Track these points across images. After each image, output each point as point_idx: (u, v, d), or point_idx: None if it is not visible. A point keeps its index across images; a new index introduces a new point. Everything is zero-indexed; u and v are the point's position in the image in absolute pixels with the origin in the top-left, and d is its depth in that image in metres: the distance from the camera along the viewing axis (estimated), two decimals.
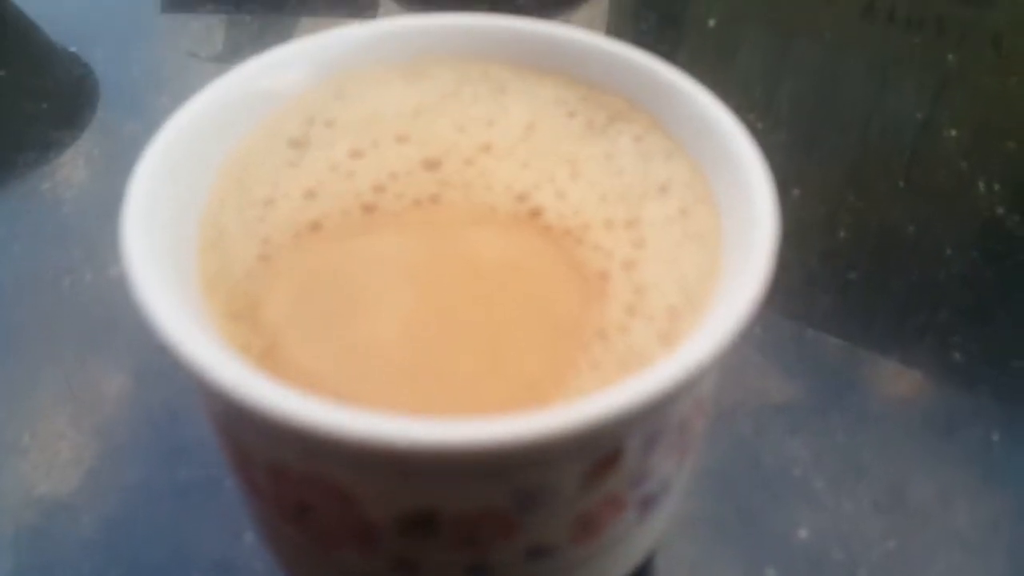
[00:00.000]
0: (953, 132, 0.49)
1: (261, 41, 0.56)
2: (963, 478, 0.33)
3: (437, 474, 0.19)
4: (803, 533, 0.31)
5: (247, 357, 0.21)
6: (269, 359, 0.21)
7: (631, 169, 0.25)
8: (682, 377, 0.18)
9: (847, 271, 0.41)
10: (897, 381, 0.36)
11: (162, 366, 0.36)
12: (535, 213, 0.24)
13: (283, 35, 0.55)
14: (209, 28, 0.57)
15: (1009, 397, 0.36)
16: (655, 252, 0.23)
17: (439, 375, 0.21)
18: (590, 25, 0.57)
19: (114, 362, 0.36)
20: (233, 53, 0.55)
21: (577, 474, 0.19)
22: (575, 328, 0.22)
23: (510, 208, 0.24)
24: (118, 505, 0.32)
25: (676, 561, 0.31)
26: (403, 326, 0.22)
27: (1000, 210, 0.45)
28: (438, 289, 0.22)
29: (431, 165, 0.25)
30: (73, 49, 0.54)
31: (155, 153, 0.23)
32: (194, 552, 0.31)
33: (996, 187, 0.46)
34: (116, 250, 0.20)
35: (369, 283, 0.22)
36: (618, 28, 0.58)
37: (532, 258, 0.23)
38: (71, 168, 0.45)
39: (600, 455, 0.19)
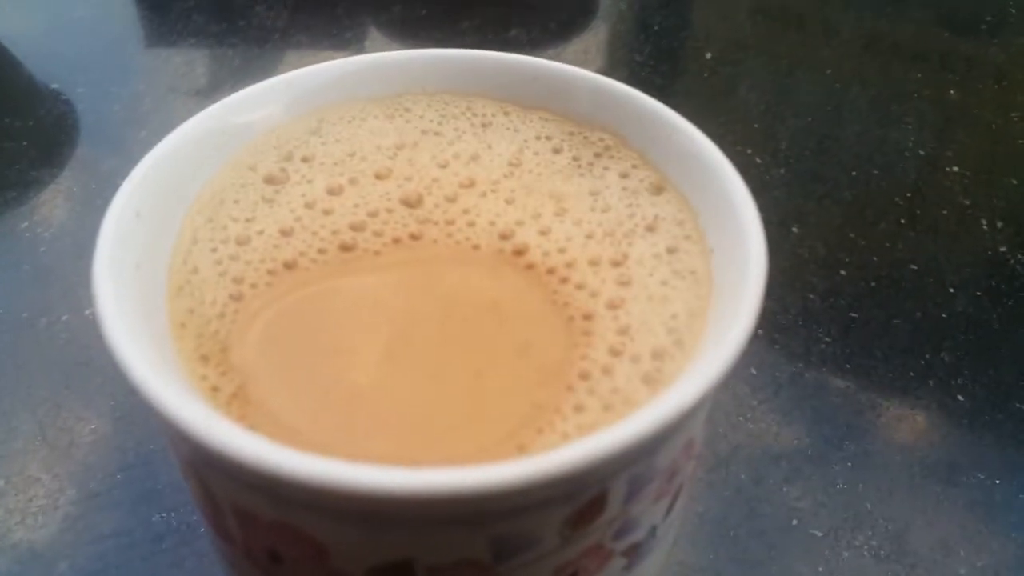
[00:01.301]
0: (955, 168, 0.49)
1: (244, 75, 0.55)
2: (964, 525, 0.32)
3: (411, 524, 0.18)
4: None
5: (216, 400, 0.20)
6: (238, 403, 0.20)
7: (618, 206, 0.24)
8: (665, 422, 0.17)
9: (848, 310, 0.40)
10: (898, 426, 0.35)
11: (136, 409, 0.35)
12: (519, 251, 0.23)
13: (266, 69, 0.55)
14: (192, 62, 0.56)
15: (1012, 442, 0.35)
16: (641, 291, 0.22)
17: (415, 422, 0.20)
18: (584, 58, 0.57)
19: (89, 405, 0.36)
20: (215, 87, 0.55)
21: (557, 523, 0.18)
22: (558, 371, 0.21)
23: (493, 246, 0.24)
24: (93, 552, 0.31)
25: None
26: (379, 370, 0.21)
27: (1003, 248, 0.44)
28: (417, 331, 0.22)
29: (411, 202, 0.25)
30: (55, 86, 0.53)
31: (126, 194, 0.22)
32: None
33: (999, 224, 0.45)
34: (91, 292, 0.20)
35: (345, 325, 0.22)
36: (614, 60, 0.57)
37: (515, 298, 0.22)
38: (50, 207, 0.45)
39: (580, 503, 0.18)
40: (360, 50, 0.58)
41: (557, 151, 0.26)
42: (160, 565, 0.31)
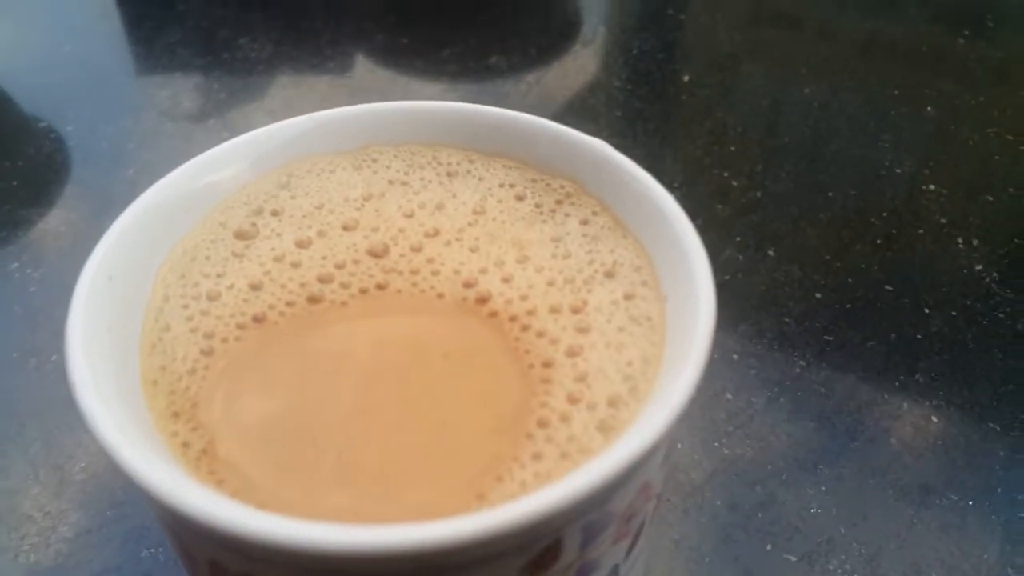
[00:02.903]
0: (932, 187, 0.49)
1: (229, 107, 0.56)
2: (937, 548, 0.33)
3: None
4: None
5: (186, 456, 0.21)
6: (207, 459, 0.21)
7: (578, 253, 0.25)
8: (617, 471, 0.18)
9: (823, 333, 0.41)
10: (872, 449, 0.36)
11: None
12: (482, 299, 0.24)
13: (251, 101, 0.55)
14: (177, 96, 0.57)
15: (984, 462, 0.35)
16: (599, 338, 0.23)
17: (377, 475, 0.20)
18: (563, 83, 0.58)
19: (79, 444, 0.36)
20: (201, 121, 0.55)
21: (515, 570, 0.19)
22: (517, 419, 0.21)
23: (457, 294, 0.24)
24: None
25: None
26: (342, 424, 0.21)
27: (979, 267, 0.44)
28: (381, 383, 0.22)
29: (378, 253, 0.25)
30: (44, 124, 0.54)
31: (98, 257, 0.23)
32: None
33: (975, 243, 0.46)
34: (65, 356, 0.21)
35: (310, 378, 0.22)
36: (593, 84, 0.58)
37: (477, 347, 0.23)
38: (39, 247, 0.46)
39: (536, 551, 0.19)
40: (346, 79, 0.59)
41: (520, 198, 0.27)
42: None
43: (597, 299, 0.24)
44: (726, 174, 0.49)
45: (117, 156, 0.52)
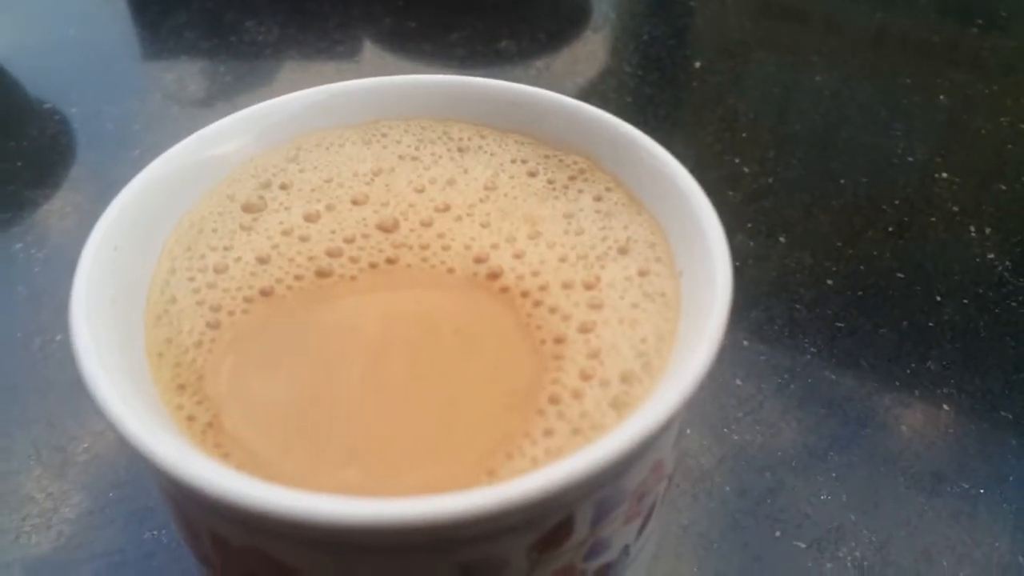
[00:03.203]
0: (944, 175, 0.49)
1: (235, 91, 0.56)
2: (948, 535, 0.32)
3: (380, 552, 0.18)
4: None
5: (192, 430, 0.20)
6: (213, 432, 0.20)
7: (591, 229, 0.25)
8: (630, 447, 0.18)
9: (834, 320, 0.40)
10: (883, 436, 0.36)
11: None
12: (493, 275, 0.24)
13: (258, 84, 0.55)
14: (183, 79, 0.57)
15: (996, 451, 0.35)
16: (612, 314, 0.22)
17: (386, 450, 0.20)
18: (573, 68, 0.57)
19: (83, 425, 0.36)
20: (207, 104, 0.55)
21: (524, 547, 0.19)
22: (529, 395, 0.21)
23: (468, 270, 0.24)
24: (86, 570, 0.32)
25: None
26: (351, 398, 0.21)
27: (991, 255, 0.44)
28: (390, 358, 0.22)
29: (388, 227, 0.25)
30: (48, 105, 0.54)
31: (103, 228, 0.22)
32: None
33: (987, 231, 0.45)
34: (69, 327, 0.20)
35: (318, 352, 0.22)
36: (603, 70, 0.57)
37: (488, 322, 0.23)
38: (44, 228, 0.45)
39: (546, 529, 0.19)
40: (353, 63, 0.59)
41: (532, 174, 0.26)
42: None
43: (610, 275, 0.23)
44: (737, 160, 0.49)
45: (122, 138, 0.52)
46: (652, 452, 0.20)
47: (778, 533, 0.32)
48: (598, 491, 0.19)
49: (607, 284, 0.23)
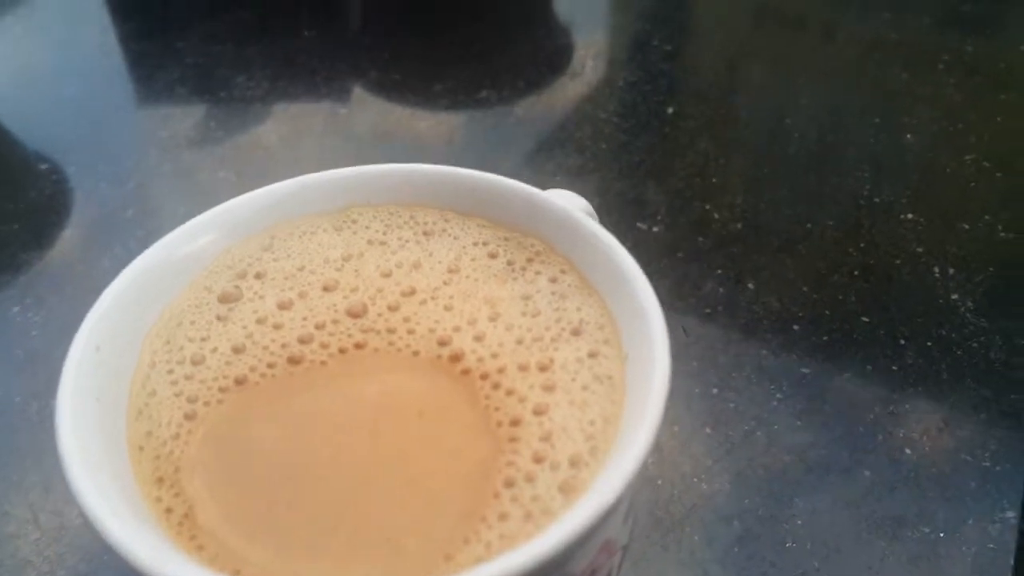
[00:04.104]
0: (910, 215, 0.50)
1: (232, 138, 0.57)
2: None
3: None
4: None
5: (169, 521, 0.22)
6: (188, 524, 0.22)
7: (547, 310, 0.26)
8: (580, 530, 0.19)
9: (800, 366, 0.42)
10: (846, 481, 0.37)
11: None
12: (455, 357, 0.25)
13: (254, 132, 0.57)
14: (176, 136, 0.59)
15: (956, 494, 0.36)
16: (564, 396, 0.24)
17: (351, 539, 0.22)
18: (551, 115, 0.59)
19: None
20: (205, 152, 0.57)
21: None
22: (485, 478, 0.23)
23: (432, 352, 0.26)
24: None
25: None
26: (318, 487, 0.23)
27: (955, 296, 0.45)
28: (357, 443, 0.23)
29: (356, 312, 0.27)
30: (46, 166, 0.56)
31: (87, 330, 0.24)
32: None
33: (951, 271, 0.47)
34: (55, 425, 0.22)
35: (288, 441, 0.24)
36: (579, 117, 0.59)
37: (450, 405, 0.24)
38: (40, 290, 0.47)
39: None
40: (340, 115, 0.60)
41: (493, 256, 0.28)
42: None
43: (563, 357, 0.25)
44: (708, 206, 0.50)
45: (117, 197, 0.53)
46: (600, 533, 0.21)
47: None
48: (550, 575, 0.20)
49: (560, 366, 0.25)
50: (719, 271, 0.47)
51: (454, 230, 0.29)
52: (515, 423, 0.24)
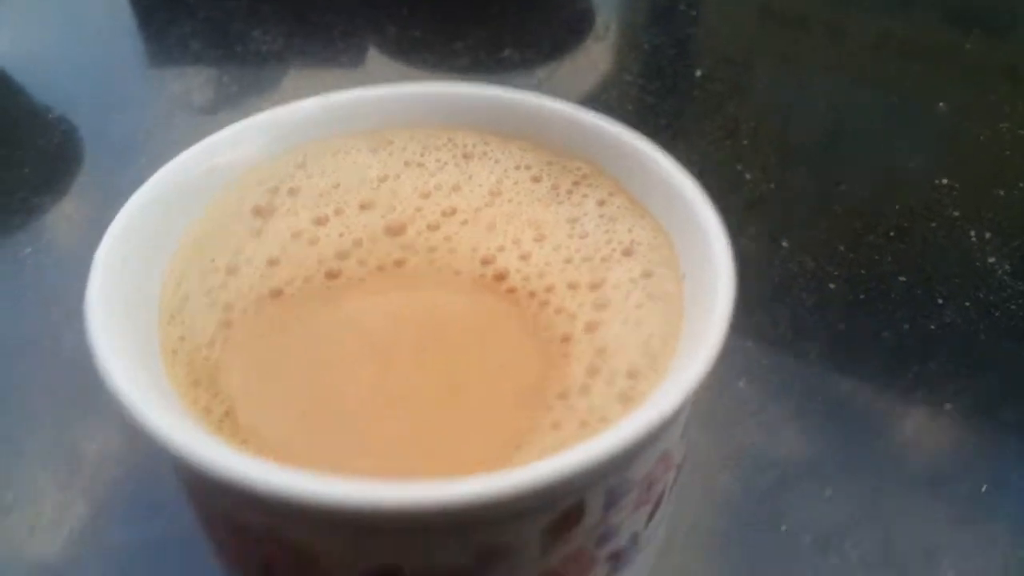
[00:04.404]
0: (945, 181, 0.49)
1: (241, 100, 0.56)
2: (950, 533, 0.33)
3: (397, 534, 0.19)
4: None
5: (208, 420, 0.21)
6: (228, 424, 0.21)
7: (595, 232, 0.25)
8: (637, 437, 0.18)
9: (837, 323, 0.41)
10: (886, 435, 0.36)
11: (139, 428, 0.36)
12: (499, 276, 0.24)
13: (269, 88, 0.56)
14: (190, 89, 0.57)
15: (998, 451, 0.35)
16: (618, 314, 0.23)
17: (399, 441, 0.21)
18: (575, 77, 0.58)
19: (95, 422, 0.36)
20: (212, 113, 0.56)
21: (537, 532, 0.19)
22: (537, 390, 0.21)
23: (475, 272, 0.24)
24: (101, 563, 0.32)
25: None
26: (363, 392, 0.22)
27: (992, 259, 0.44)
28: (400, 354, 0.22)
29: (395, 231, 0.25)
30: (56, 114, 0.55)
31: (118, 228, 0.23)
32: None
33: (987, 236, 0.46)
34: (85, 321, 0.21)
35: (330, 348, 0.22)
36: (605, 80, 0.58)
37: (496, 322, 0.23)
38: (53, 233, 0.46)
39: (560, 513, 0.19)
40: (357, 72, 0.59)
41: (536, 180, 0.27)
42: (167, 575, 0.31)
43: (615, 277, 0.24)
44: (739, 167, 0.49)
45: (128, 146, 0.52)
46: (659, 443, 0.20)
47: (783, 528, 0.33)
48: (608, 479, 0.19)
49: (612, 285, 0.24)
50: (752, 229, 0.45)
51: (495, 153, 0.28)
52: (565, 339, 0.23)
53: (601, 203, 0.26)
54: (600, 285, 0.24)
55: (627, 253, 0.24)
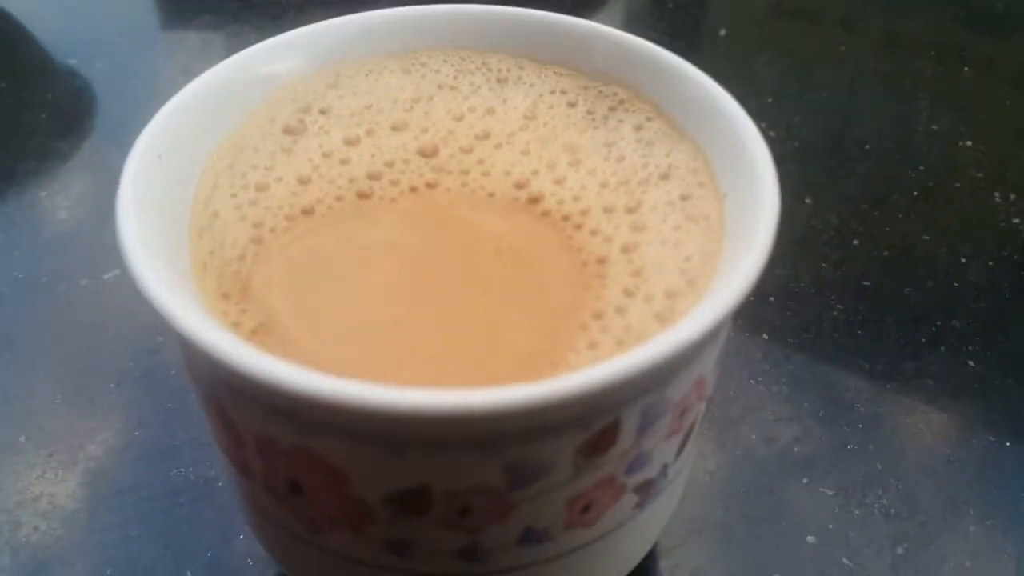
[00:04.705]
0: (969, 143, 0.49)
1: (271, 35, 0.55)
2: (974, 486, 0.32)
3: (427, 446, 0.18)
4: (811, 539, 0.31)
5: (238, 332, 0.20)
6: (259, 336, 0.20)
7: (632, 156, 0.25)
8: (676, 352, 0.18)
9: (860, 279, 0.40)
10: (909, 389, 0.35)
11: (155, 368, 0.36)
12: (534, 199, 0.24)
13: (291, 26, 0.55)
14: (207, 40, 0.57)
15: (1022, 405, 0.35)
16: (655, 236, 0.22)
17: (431, 357, 0.20)
18: None
19: (108, 365, 0.36)
20: (241, 46, 0.55)
21: (570, 451, 0.19)
22: (572, 310, 0.21)
23: (508, 194, 0.24)
24: (112, 505, 0.32)
25: (680, 566, 0.30)
26: (396, 308, 0.21)
27: (1016, 220, 0.44)
28: (433, 272, 0.22)
29: (428, 153, 0.25)
30: (72, 62, 0.54)
31: (148, 136, 0.22)
32: (187, 552, 0.30)
33: (1012, 197, 0.45)
34: (111, 257, 0.20)
35: (362, 265, 0.22)
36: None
37: (530, 242, 0.23)
38: (68, 177, 0.45)
39: (593, 432, 0.19)
40: None
41: (572, 105, 0.26)
42: (178, 518, 0.31)
43: (652, 199, 0.23)
44: (763, 125, 0.48)
45: (145, 95, 0.52)
46: (696, 364, 0.20)
47: (805, 480, 0.32)
48: (645, 396, 0.19)
49: (649, 208, 0.23)
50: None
51: (530, 78, 0.27)
52: (601, 261, 0.22)
53: (638, 128, 0.25)
54: (637, 208, 0.23)
55: (665, 176, 0.24)
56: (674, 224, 0.23)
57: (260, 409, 0.19)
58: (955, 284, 0.40)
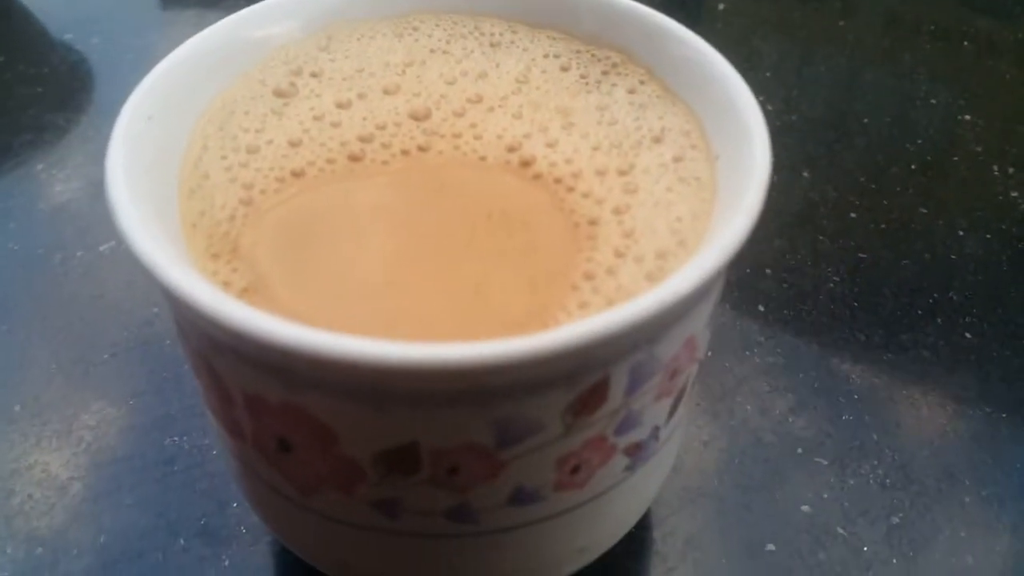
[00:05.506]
0: (968, 117, 0.49)
1: None
2: (970, 456, 0.32)
3: (416, 402, 0.18)
4: (806, 508, 0.31)
5: (228, 292, 0.20)
6: (248, 295, 0.20)
7: (624, 120, 0.24)
8: (664, 307, 0.18)
9: (857, 251, 0.40)
10: (904, 361, 0.35)
11: (149, 339, 0.36)
12: (526, 162, 0.24)
13: None
14: (203, 15, 0.57)
15: (1018, 377, 0.35)
16: (647, 198, 0.22)
17: (422, 316, 0.20)
18: None
19: (102, 336, 0.36)
20: None
21: (559, 409, 0.19)
22: (563, 271, 0.21)
23: (500, 157, 0.24)
24: (106, 474, 0.32)
25: (674, 534, 0.30)
26: (386, 269, 0.21)
27: (1014, 193, 0.44)
28: (425, 234, 0.22)
29: (419, 116, 0.25)
30: (68, 37, 0.54)
31: (138, 96, 0.22)
32: (181, 520, 0.30)
33: (1011, 171, 0.45)
34: (106, 229, 0.20)
35: (353, 227, 0.22)
36: None
37: (521, 205, 0.23)
38: (65, 149, 0.45)
39: (581, 389, 0.18)
40: None
41: (565, 69, 0.26)
42: (172, 486, 0.31)
43: (644, 162, 0.23)
44: (761, 98, 0.48)
45: (141, 69, 0.51)
46: (686, 322, 0.20)
47: (800, 450, 0.32)
48: (633, 353, 0.19)
49: (641, 170, 0.23)
50: (773, 160, 0.45)
51: (522, 42, 0.27)
52: (593, 223, 0.22)
53: (631, 91, 0.25)
54: (629, 171, 0.23)
55: (657, 139, 0.24)
56: (666, 186, 0.22)
57: (249, 366, 0.19)
58: (952, 257, 0.40)
